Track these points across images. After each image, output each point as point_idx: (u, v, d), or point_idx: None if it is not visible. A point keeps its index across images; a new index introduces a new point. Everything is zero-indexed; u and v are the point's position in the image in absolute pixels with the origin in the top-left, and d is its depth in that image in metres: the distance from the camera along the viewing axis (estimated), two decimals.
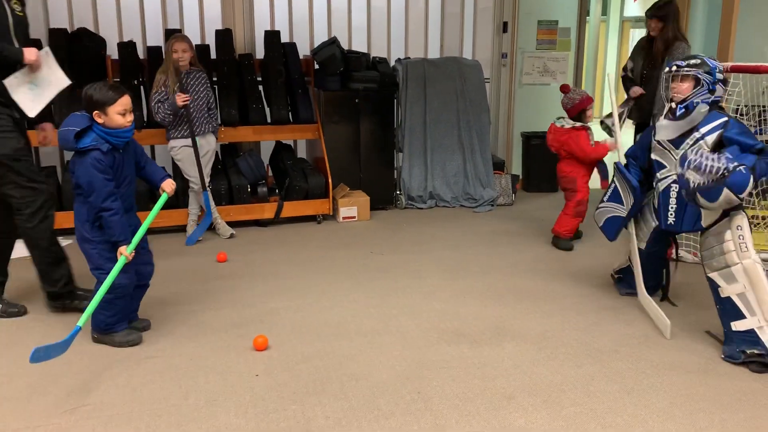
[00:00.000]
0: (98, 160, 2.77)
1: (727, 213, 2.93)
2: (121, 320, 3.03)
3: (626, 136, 4.99)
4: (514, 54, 6.38)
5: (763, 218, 4.31)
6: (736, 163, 2.70)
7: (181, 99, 4.36)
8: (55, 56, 5.11)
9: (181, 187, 4.67)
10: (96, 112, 2.76)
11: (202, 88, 4.61)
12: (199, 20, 5.68)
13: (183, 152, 4.57)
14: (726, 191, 2.71)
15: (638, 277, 3.47)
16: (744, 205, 2.87)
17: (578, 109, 4.52)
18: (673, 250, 3.56)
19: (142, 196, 4.58)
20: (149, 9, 5.57)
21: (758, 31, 5.14)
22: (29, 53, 3.08)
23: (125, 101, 2.80)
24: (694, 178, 2.80)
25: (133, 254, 2.87)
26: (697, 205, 2.85)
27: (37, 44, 4.91)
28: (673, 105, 3.05)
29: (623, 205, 3.46)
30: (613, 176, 3.55)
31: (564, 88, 4.64)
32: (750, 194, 2.97)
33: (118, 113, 2.77)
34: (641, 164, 3.41)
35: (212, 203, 4.72)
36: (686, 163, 2.85)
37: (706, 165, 2.75)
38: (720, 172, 2.71)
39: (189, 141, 4.55)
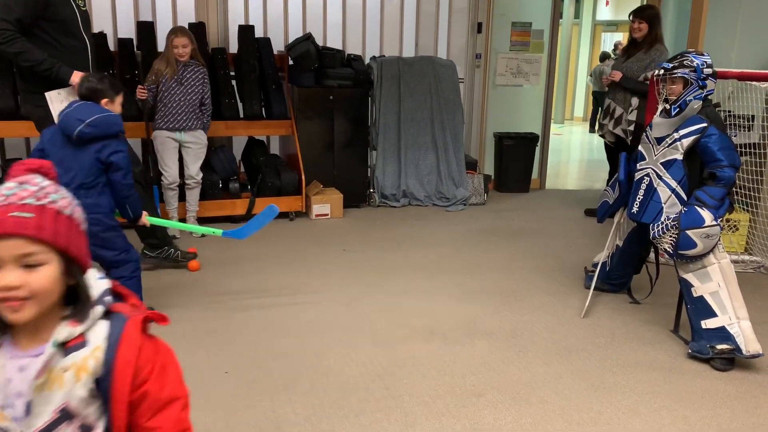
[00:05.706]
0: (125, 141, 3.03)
1: None
2: None
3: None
4: (488, 55, 6.43)
5: (727, 221, 4.43)
6: (680, 209, 2.97)
7: (138, 92, 4.42)
8: None
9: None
10: (105, 100, 2.97)
11: (198, 83, 4.54)
12: (172, 13, 5.61)
13: (160, 143, 4.54)
14: (691, 232, 2.88)
15: (599, 258, 3.70)
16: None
17: None
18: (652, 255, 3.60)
19: None
20: (120, 0, 5.48)
21: (725, 38, 5.25)
22: (75, 77, 3.29)
23: None
24: (665, 244, 3.00)
25: None
26: (693, 257, 2.94)
27: (104, 37, 4.92)
28: (667, 106, 3.10)
29: (615, 193, 3.53)
30: None
31: None
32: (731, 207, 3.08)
33: (120, 103, 3.08)
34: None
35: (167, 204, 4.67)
36: (653, 237, 3.07)
37: (664, 225, 3.00)
38: (672, 224, 2.95)
39: (170, 133, 4.50)
